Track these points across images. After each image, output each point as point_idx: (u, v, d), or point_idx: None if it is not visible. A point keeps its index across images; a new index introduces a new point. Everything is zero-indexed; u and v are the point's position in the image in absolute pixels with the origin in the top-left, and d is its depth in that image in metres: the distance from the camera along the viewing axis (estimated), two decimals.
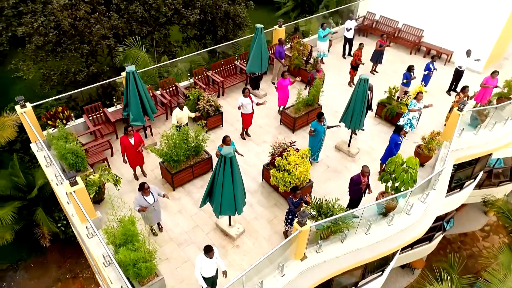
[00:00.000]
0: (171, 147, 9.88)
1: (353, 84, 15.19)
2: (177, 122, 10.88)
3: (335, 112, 13.34)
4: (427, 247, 16.89)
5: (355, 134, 12.73)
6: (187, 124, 11.09)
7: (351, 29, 16.29)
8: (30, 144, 11.10)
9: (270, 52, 15.03)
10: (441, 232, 16.70)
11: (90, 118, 11.71)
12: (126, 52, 16.86)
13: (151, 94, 12.79)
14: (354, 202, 9.64)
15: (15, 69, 18.49)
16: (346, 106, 11.17)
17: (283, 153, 9.79)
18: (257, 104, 11.79)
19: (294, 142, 10.45)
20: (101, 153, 10.75)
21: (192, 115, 11.22)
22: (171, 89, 13.30)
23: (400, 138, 10.45)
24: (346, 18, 16.99)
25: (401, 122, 12.22)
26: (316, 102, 12.85)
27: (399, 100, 13.00)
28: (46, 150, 9.58)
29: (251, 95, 11.62)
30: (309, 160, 11.32)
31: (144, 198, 8.40)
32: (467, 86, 12.59)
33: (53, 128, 10.72)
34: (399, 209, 9.67)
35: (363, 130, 12.93)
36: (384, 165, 11.06)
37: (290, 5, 33.47)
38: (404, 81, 13.47)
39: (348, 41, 16.84)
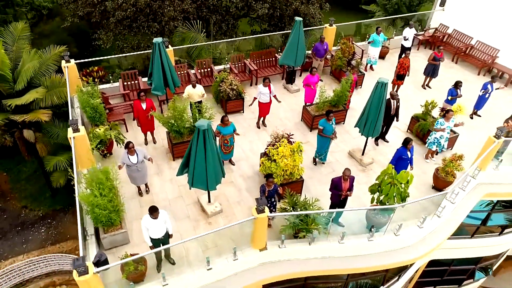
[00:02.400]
0: (176, 118, 10.38)
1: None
2: (189, 98, 11.35)
3: None
4: None
5: (376, 144, 11.92)
6: (200, 101, 11.48)
7: (408, 38, 15.15)
8: None
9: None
10: (472, 279, 14.66)
11: (125, 83, 12.83)
12: (186, 33, 17.95)
13: (185, 71, 13.53)
14: (335, 206, 9.06)
15: (97, 39, 20.98)
16: (362, 111, 10.52)
17: (276, 143, 9.63)
18: (274, 96, 11.72)
19: (292, 134, 10.19)
20: (121, 114, 11.74)
21: (204, 94, 11.58)
22: (205, 70, 13.87)
23: (407, 152, 9.51)
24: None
25: (428, 140, 11.10)
26: (342, 104, 12.29)
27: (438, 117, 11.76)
28: (70, 102, 10.79)
29: (271, 85, 11.59)
30: (318, 159, 11.00)
31: (128, 157, 9.00)
32: None
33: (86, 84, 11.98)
34: (382, 225, 8.83)
35: (387, 142, 12.04)
36: None
37: (380, 15, 32.52)
38: (449, 98, 12.15)
39: (405, 51, 15.64)
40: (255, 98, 11.76)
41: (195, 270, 8.00)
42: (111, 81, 13.15)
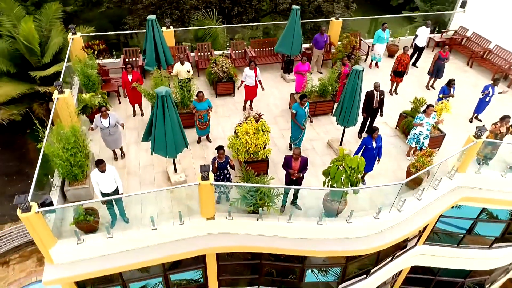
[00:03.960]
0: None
1: (396, 93, 13.75)
2: (178, 75, 11.84)
3: None
4: None
5: (359, 137, 11.70)
6: (189, 79, 11.91)
7: (417, 35, 14.65)
8: None
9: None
10: None
11: (127, 59, 13.60)
12: (202, 21, 18.58)
13: (185, 53, 14.05)
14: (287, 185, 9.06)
15: (124, 23, 22.21)
16: (339, 100, 10.42)
17: (244, 122, 9.81)
18: (259, 81, 11.91)
19: (262, 114, 10.30)
20: (115, 86, 12.47)
21: (191, 72, 11.99)
22: (205, 53, 14.31)
23: (372, 141, 9.28)
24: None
25: (409, 136, 10.75)
26: (330, 95, 12.18)
27: None
28: (64, 68, 11.65)
29: (257, 68, 11.78)
30: (293, 145, 11.04)
31: (100, 120, 9.59)
32: (509, 116, 10.22)
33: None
34: (330, 210, 8.70)
35: None
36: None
37: (420, 20, 31.73)
38: (440, 96, 11.65)
39: (418, 50, 15.14)
40: (242, 82, 11.99)
41: (140, 228, 8.38)
42: (115, 57, 13.99)
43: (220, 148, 8.66)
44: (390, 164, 10.86)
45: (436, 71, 13.62)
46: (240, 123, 9.93)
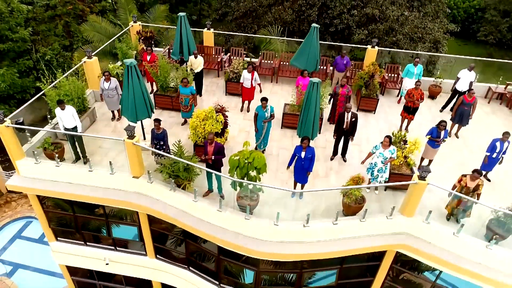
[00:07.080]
0: (162, 75, 12.67)
1: (406, 131, 12.63)
2: (192, 66, 13.42)
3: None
4: None
5: (331, 159, 11.32)
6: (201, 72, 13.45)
7: (459, 78, 13.21)
8: None
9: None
10: None
11: (170, 50, 15.89)
12: (264, 33, 20.10)
13: (218, 54, 15.64)
14: (207, 171, 9.55)
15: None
16: None
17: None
18: (258, 84, 12.63)
19: (225, 107, 11.09)
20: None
21: (201, 66, 13.42)
22: (238, 57, 15.62)
23: (301, 151, 9.11)
24: None
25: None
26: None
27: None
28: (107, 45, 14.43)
29: (254, 72, 12.54)
30: (257, 147, 11.46)
31: (103, 82, 11.76)
32: (480, 172, 8.64)
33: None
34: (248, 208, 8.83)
35: (345, 161, 11.27)
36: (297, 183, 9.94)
37: None
38: (427, 137, 10.42)
39: (458, 95, 13.55)
40: (241, 83, 12.89)
41: (82, 168, 10.07)
42: (163, 47, 16.50)
43: (155, 121, 9.83)
44: None
45: (459, 117, 12.07)
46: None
